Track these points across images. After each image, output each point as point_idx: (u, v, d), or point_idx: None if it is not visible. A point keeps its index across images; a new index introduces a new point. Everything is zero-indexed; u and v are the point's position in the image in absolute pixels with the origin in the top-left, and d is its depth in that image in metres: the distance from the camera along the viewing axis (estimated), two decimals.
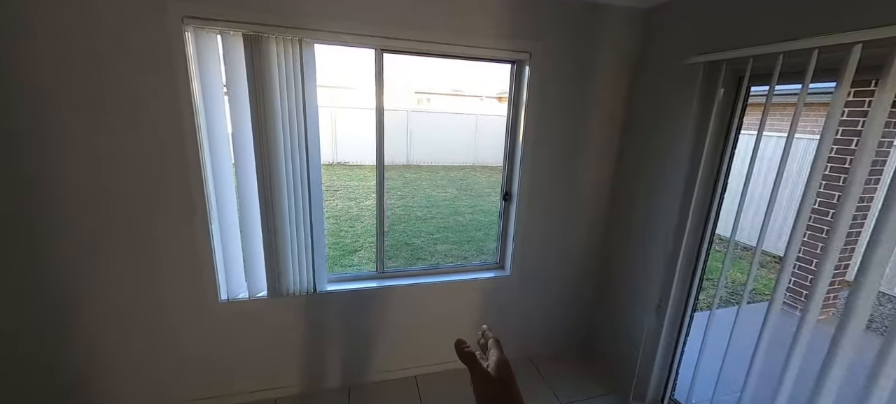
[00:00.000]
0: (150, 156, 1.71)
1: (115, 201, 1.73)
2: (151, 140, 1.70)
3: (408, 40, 1.92)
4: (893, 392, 1.20)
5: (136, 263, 1.82)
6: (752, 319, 1.69)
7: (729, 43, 1.67)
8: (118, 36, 1.56)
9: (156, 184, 1.75)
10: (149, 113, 1.67)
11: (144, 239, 1.80)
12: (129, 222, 1.77)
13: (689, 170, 1.92)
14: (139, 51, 1.60)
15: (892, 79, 1.16)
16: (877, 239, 1.20)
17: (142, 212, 1.77)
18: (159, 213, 1.79)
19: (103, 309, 1.85)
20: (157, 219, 1.79)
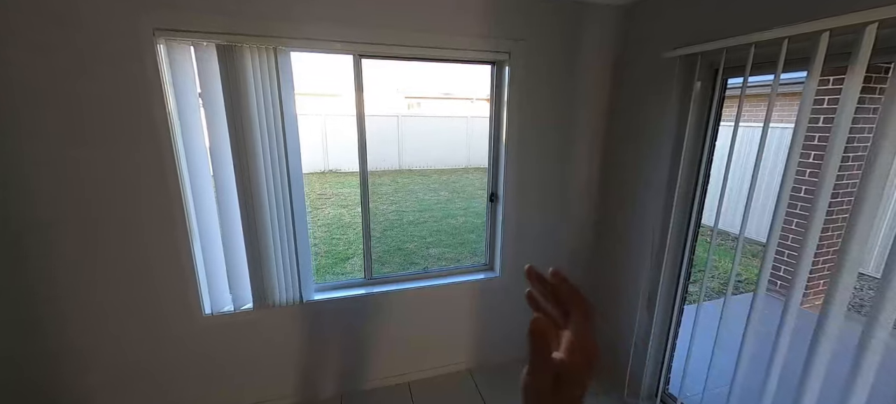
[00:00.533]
0: (126, 172, 1.68)
1: (90, 218, 1.69)
2: (126, 155, 1.67)
3: (386, 45, 1.91)
4: (879, 371, 1.21)
5: (113, 281, 1.79)
6: (743, 309, 1.69)
7: (704, 36, 1.68)
8: (89, 51, 1.54)
9: (132, 198, 1.72)
10: (123, 128, 1.64)
11: (122, 256, 1.77)
12: (106, 239, 1.73)
13: (672, 164, 1.93)
14: (110, 65, 1.57)
15: (860, 65, 1.17)
16: (854, 221, 1.21)
17: (118, 227, 1.73)
18: (137, 229, 1.76)
19: (81, 326, 1.81)
20: (134, 234, 1.76)
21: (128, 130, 1.65)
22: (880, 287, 1.16)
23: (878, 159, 1.15)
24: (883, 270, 1.17)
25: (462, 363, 2.52)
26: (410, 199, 7.55)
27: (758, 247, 5.23)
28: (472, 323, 2.47)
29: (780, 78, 1.39)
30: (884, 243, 4.07)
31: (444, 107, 17.12)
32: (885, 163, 1.14)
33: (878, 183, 1.16)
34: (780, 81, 1.41)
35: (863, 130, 3.15)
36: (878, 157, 1.14)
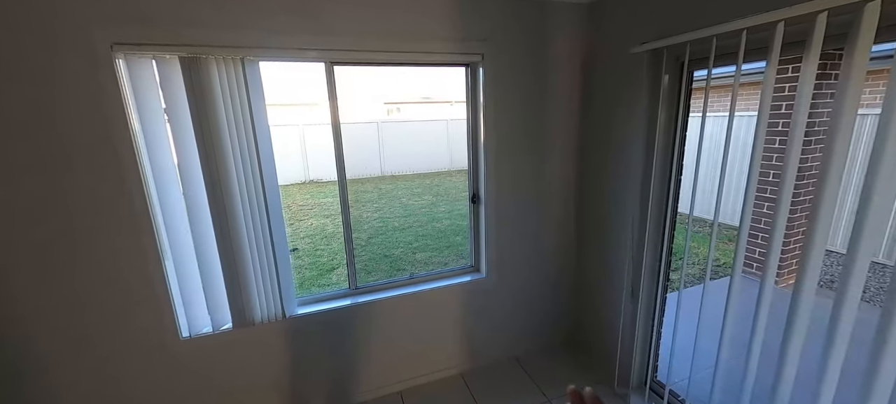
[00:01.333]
0: (85, 196, 1.60)
1: (53, 249, 1.60)
2: (84, 178, 1.58)
3: (358, 51, 1.88)
4: (850, 344, 1.25)
5: (79, 313, 1.69)
6: (722, 292, 1.73)
7: (667, 30, 1.73)
8: (40, 72, 1.45)
9: (94, 223, 1.63)
10: (83, 151, 1.56)
11: (86, 286, 1.68)
12: (65, 267, 1.64)
13: (646, 155, 1.97)
14: (66, 85, 1.49)
15: (813, 53, 1.22)
16: (818, 201, 1.25)
17: (79, 254, 1.64)
18: (101, 255, 1.67)
19: (52, 360, 1.70)
20: (98, 261, 1.67)
21: (85, 151, 1.56)
22: (846, 262, 1.21)
23: (835, 142, 1.20)
24: (848, 246, 1.22)
25: (453, 367, 2.50)
26: (394, 205, 7.49)
27: (733, 232, 5.42)
28: (461, 326, 2.45)
29: (741, 68, 1.44)
30: (848, 220, 4.28)
31: (423, 112, 17.13)
32: (842, 144, 1.19)
33: (838, 163, 1.21)
34: (742, 71, 1.46)
35: (822, 114, 3.31)
36: (836, 142, 1.20)
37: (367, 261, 4.89)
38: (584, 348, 2.63)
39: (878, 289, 3.69)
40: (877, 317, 1.16)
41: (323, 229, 6.13)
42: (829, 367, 1.28)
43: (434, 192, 8.54)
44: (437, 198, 8.06)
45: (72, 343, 1.71)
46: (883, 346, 1.15)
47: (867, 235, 1.16)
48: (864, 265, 1.18)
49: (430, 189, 8.87)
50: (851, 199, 4.28)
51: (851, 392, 1.28)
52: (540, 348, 2.71)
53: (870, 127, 4.19)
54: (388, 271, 4.67)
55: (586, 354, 2.60)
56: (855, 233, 1.18)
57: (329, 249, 5.28)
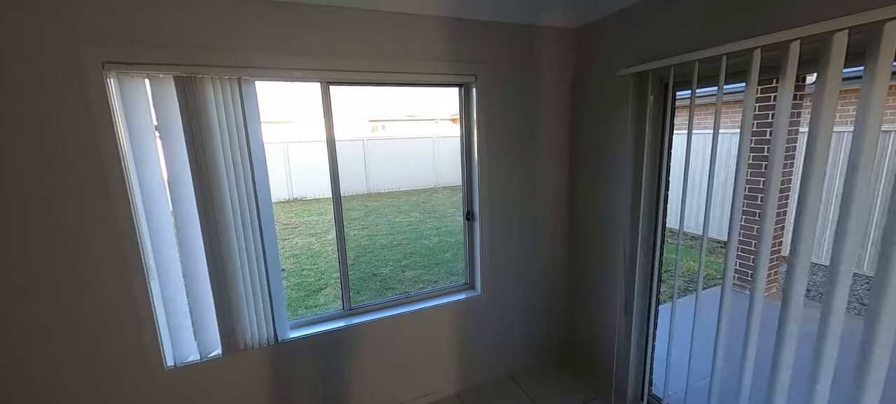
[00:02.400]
0: (70, 216, 1.53)
1: (26, 270, 1.51)
2: (67, 195, 1.51)
3: (353, 71, 1.90)
4: (840, 356, 1.31)
5: (53, 339, 1.59)
6: (712, 304, 1.78)
7: (651, 54, 1.83)
8: (24, 86, 1.40)
9: (75, 242, 1.55)
10: (64, 166, 1.49)
11: (67, 309, 1.58)
12: (45, 290, 1.55)
13: (634, 171, 2.04)
14: (52, 100, 1.44)
15: (788, 77, 1.31)
16: (802, 212, 1.33)
17: (62, 276, 1.55)
18: (82, 276, 1.58)
19: (20, 392, 1.58)
20: (79, 283, 1.58)
21: (69, 168, 1.50)
22: (830, 274, 1.28)
23: (813, 160, 1.28)
24: (831, 259, 1.30)
25: (449, 387, 2.45)
26: (381, 223, 7.43)
27: (715, 244, 5.62)
28: (456, 345, 2.43)
29: (723, 89, 1.53)
30: (831, 233, 4.49)
31: (408, 129, 17.25)
32: (820, 162, 1.28)
33: (817, 181, 1.29)
34: (723, 90, 1.55)
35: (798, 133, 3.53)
36: (814, 159, 1.28)
37: (355, 280, 4.79)
38: (579, 363, 2.64)
39: (860, 300, 3.87)
40: (861, 325, 1.23)
41: (309, 248, 6.00)
42: (819, 379, 1.33)
43: (421, 209, 8.52)
44: (425, 215, 8.05)
45: (44, 371, 1.60)
46: (870, 354, 1.21)
47: (848, 246, 1.23)
48: (847, 275, 1.25)
49: (417, 206, 8.86)
50: (832, 214, 4.47)
51: (844, 398, 1.33)
52: (535, 365, 2.70)
53: (846, 143, 4.38)
54: (377, 290, 4.59)
55: (582, 369, 2.60)
56: (837, 247, 1.25)
57: (316, 269, 5.16)
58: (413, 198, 9.76)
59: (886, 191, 4.02)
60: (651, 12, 1.85)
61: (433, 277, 4.92)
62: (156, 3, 1.50)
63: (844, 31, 1.13)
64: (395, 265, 5.32)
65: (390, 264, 5.34)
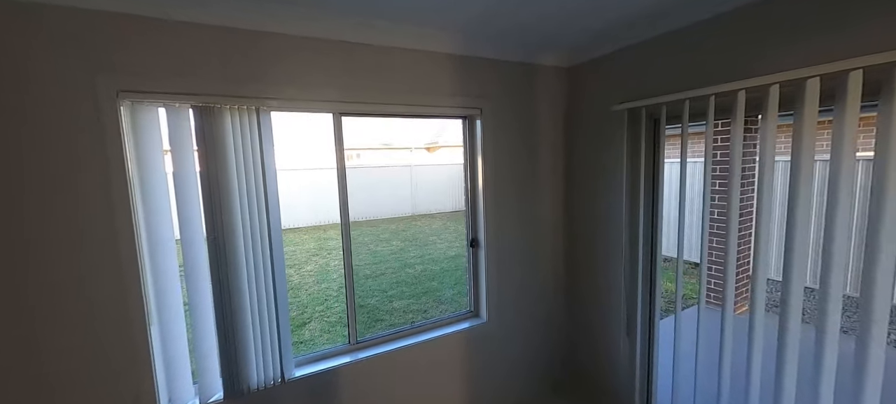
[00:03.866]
0: (65, 238, 1.42)
1: (17, 296, 1.37)
2: (67, 218, 1.41)
3: (365, 103, 1.95)
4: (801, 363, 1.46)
5: (37, 373, 1.42)
6: (689, 323, 1.91)
7: (637, 93, 2.03)
8: (34, 111, 1.33)
9: (71, 269, 1.44)
10: (65, 187, 1.40)
11: (57, 342, 1.43)
12: (35, 318, 1.40)
13: (631, 200, 2.18)
14: (58, 131, 1.37)
15: (770, 116, 1.50)
16: (758, 237, 1.53)
17: (57, 305, 1.42)
18: (77, 308, 1.45)
19: None
20: (72, 315, 1.45)
21: (72, 189, 1.41)
22: (784, 287, 1.46)
23: (763, 186, 1.52)
24: (783, 273, 1.50)
25: None
26: (362, 252, 7.27)
27: (687, 266, 5.94)
28: (463, 373, 2.39)
29: (712, 125, 1.72)
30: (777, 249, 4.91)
31: (383, 158, 17.27)
32: (768, 189, 1.53)
33: (768, 202, 1.53)
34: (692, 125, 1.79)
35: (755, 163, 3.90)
36: (763, 186, 1.52)
37: (340, 313, 4.62)
38: (583, 387, 2.66)
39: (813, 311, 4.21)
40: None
41: (288, 279, 5.73)
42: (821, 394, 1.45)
43: (402, 238, 8.44)
44: (406, 243, 7.97)
45: None
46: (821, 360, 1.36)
47: (797, 262, 1.44)
48: (799, 289, 1.44)
49: (397, 234, 8.77)
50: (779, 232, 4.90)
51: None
52: (539, 391, 2.69)
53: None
54: (366, 322, 4.44)
55: (586, 393, 2.63)
56: (787, 262, 1.45)
57: (297, 302, 4.92)
58: (393, 226, 9.67)
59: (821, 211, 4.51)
60: (635, 57, 2.07)
61: (422, 307, 4.84)
62: (175, 33, 1.50)
63: (816, 78, 1.33)
64: (382, 295, 5.19)
65: (376, 295, 5.21)
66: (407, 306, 4.84)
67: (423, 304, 4.90)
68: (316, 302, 4.91)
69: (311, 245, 7.82)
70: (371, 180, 10.77)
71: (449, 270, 6.16)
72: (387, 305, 4.88)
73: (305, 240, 8.32)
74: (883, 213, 1.25)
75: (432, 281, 5.73)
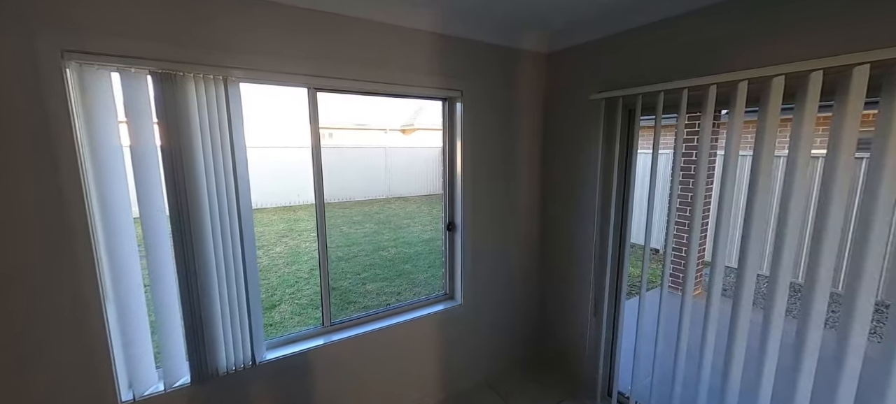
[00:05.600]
0: (13, 223, 1.28)
1: None
2: (13, 209, 1.27)
3: (342, 78, 1.87)
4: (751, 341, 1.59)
5: None
6: (651, 306, 2.03)
7: (615, 83, 2.07)
8: None
9: (14, 250, 1.30)
10: (12, 176, 1.26)
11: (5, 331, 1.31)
12: None
13: (603, 187, 2.25)
14: None
15: (738, 110, 1.58)
16: (718, 227, 1.64)
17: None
18: (20, 292, 1.33)
19: None
20: (15, 300, 1.33)
21: (19, 179, 1.27)
22: (738, 274, 1.59)
23: (727, 178, 1.62)
24: (737, 260, 1.63)
25: (431, 397, 2.44)
26: (334, 234, 7.13)
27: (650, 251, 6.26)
28: (437, 355, 2.43)
29: (684, 116, 1.78)
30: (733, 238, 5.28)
31: (357, 139, 16.85)
32: (731, 182, 1.62)
33: (730, 194, 1.62)
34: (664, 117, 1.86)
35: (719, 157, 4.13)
36: (727, 178, 1.62)
37: (312, 295, 4.53)
38: (551, 366, 2.78)
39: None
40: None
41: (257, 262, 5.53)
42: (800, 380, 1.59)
43: (375, 220, 8.34)
44: (380, 226, 7.89)
45: None
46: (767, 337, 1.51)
47: (752, 252, 1.56)
48: (752, 277, 1.57)
49: (371, 217, 8.65)
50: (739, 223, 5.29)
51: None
52: (510, 370, 2.79)
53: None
54: (338, 304, 4.39)
55: (554, 371, 2.75)
56: (743, 249, 1.57)
57: (267, 284, 4.78)
58: (366, 208, 9.52)
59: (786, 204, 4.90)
60: (613, 47, 2.10)
61: (396, 289, 4.84)
62: None
63: (781, 76, 1.41)
64: (354, 278, 5.13)
65: (349, 277, 5.14)
66: (380, 288, 4.82)
67: (396, 287, 4.90)
68: (286, 284, 4.79)
69: (280, 226, 7.57)
70: (344, 161, 10.49)
71: (423, 253, 6.18)
72: (360, 288, 4.84)
73: (274, 220, 8.04)
74: (830, 207, 1.36)
75: (406, 264, 5.73)
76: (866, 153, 2.11)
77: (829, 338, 1.47)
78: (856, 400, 1.36)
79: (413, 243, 6.71)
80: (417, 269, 5.53)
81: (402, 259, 5.92)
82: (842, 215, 1.34)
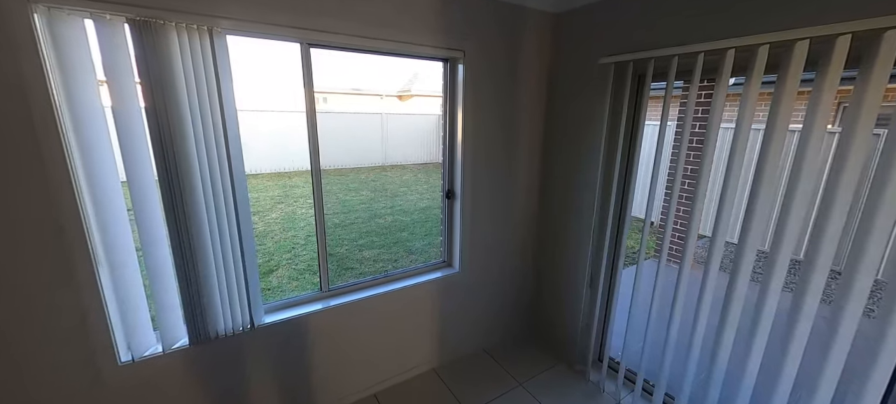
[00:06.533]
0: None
1: None
2: None
3: (338, 34, 1.75)
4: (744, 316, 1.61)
5: None
6: (650, 276, 2.04)
7: (631, 46, 1.96)
8: None
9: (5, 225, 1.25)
10: None
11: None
12: None
13: (606, 158, 2.19)
14: None
15: (756, 76, 1.50)
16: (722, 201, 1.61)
17: None
18: (13, 263, 1.29)
19: None
20: (9, 272, 1.29)
21: None
22: (738, 249, 1.58)
23: (736, 150, 1.58)
24: (738, 236, 1.62)
25: (428, 363, 2.49)
26: (331, 201, 7.07)
27: (642, 223, 6.33)
28: (434, 321, 2.46)
29: (697, 85, 1.71)
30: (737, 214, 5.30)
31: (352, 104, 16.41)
32: (740, 153, 1.58)
33: (737, 167, 1.60)
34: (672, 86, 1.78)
35: None
36: (736, 150, 1.57)
37: (310, 261, 4.55)
38: (546, 334, 2.84)
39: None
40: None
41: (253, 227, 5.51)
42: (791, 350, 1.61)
43: (371, 187, 8.28)
44: (376, 193, 7.83)
45: None
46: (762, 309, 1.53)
47: (755, 228, 1.55)
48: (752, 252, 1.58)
49: (367, 184, 8.57)
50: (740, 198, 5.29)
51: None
52: (506, 338, 2.85)
53: None
54: (335, 270, 4.41)
55: (548, 339, 2.81)
56: (745, 225, 1.58)
57: (263, 249, 4.77)
58: (362, 175, 9.42)
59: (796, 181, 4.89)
60: (625, 8, 1.98)
61: (392, 256, 4.86)
62: None
63: (806, 40, 1.33)
64: (351, 244, 5.14)
65: (346, 244, 5.15)
66: (377, 256, 4.84)
67: (393, 254, 4.92)
68: (283, 249, 4.79)
69: (275, 192, 7.48)
70: (340, 126, 10.25)
71: (419, 221, 6.17)
72: (357, 254, 4.85)
73: (269, 186, 7.94)
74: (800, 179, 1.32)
75: (402, 231, 5.73)
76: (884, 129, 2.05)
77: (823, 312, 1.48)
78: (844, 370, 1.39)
79: (409, 211, 6.69)
80: (414, 237, 5.54)
81: (399, 227, 5.92)
82: (852, 191, 1.31)
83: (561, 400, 2.28)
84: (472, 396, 2.29)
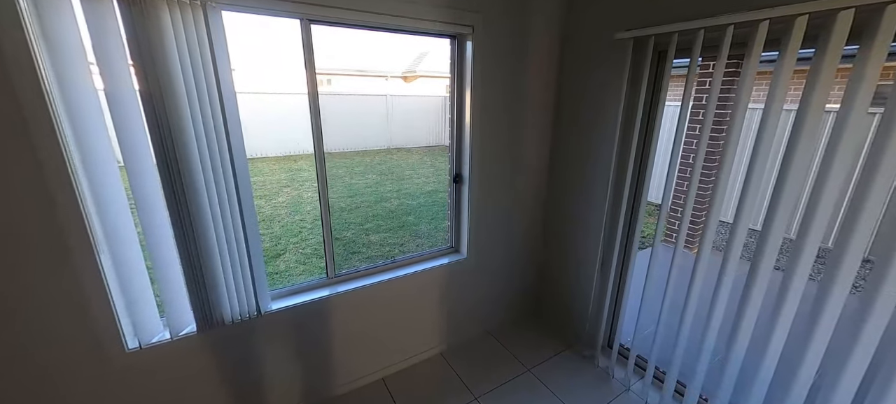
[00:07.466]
0: None
1: None
2: None
3: (339, 8, 1.66)
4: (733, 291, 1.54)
5: None
6: (663, 260, 1.97)
7: (652, 19, 1.83)
8: None
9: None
10: None
11: None
12: None
13: (622, 139, 2.09)
14: None
15: (791, 51, 1.39)
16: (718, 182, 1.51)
17: None
18: (11, 257, 1.26)
19: None
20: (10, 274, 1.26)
21: None
22: (731, 230, 1.49)
23: (765, 132, 1.47)
24: (763, 222, 1.54)
25: (435, 347, 2.48)
26: (337, 185, 7.04)
27: (653, 207, 6.21)
28: (442, 306, 2.43)
29: (724, 60, 1.59)
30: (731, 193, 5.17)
31: (357, 85, 16.19)
32: (769, 136, 1.48)
33: (765, 150, 1.50)
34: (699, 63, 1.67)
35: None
36: (765, 131, 1.47)
37: (316, 245, 4.54)
38: (554, 319, 2.81)
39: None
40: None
41: (259, 211, 5.51)
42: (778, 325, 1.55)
43: (378, 171, 8.22)
44: (382, 177, 7.78)
45: None
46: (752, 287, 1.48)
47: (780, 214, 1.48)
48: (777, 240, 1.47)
49: (373, 168, 8.51)
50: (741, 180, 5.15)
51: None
52: (514, 322, 2.82)
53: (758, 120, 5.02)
54: (342, 254, 4.41)
55: (556, 324, 2.78)
56: (739, 208, 1.53)
57: (270, 234, 4.78)
58: (367, 159, 9.35)
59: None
60: None
61: (398, 240, 4.84)
62: None
63: (851, 9, 1.21)
64: (358, 228, 5.12)
65: (353, 228, 5.13)
66: (383, 240, 4.82)
67: (399, 238, 4.90)
68: (290, 233, 4.79)
69: (281, 176, 7.47)
70: (344, 108, 10.14)
71: (426, 205, 6.13)
72: (363, 238, 4.84)
73: (275, 170, 7.93)
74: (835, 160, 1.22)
75: (408, 215, 5.70)
76: None
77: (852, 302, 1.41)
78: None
79: (415, 195, 6.63)
80: (420, 221, 5.50)
81: (405, 210, 5.88)
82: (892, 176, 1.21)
83: (569, 385, 2.26)
84: (480, 381, 2.28)
